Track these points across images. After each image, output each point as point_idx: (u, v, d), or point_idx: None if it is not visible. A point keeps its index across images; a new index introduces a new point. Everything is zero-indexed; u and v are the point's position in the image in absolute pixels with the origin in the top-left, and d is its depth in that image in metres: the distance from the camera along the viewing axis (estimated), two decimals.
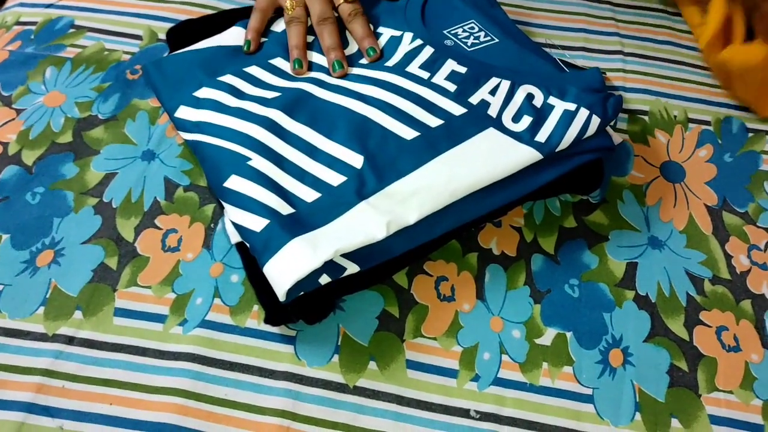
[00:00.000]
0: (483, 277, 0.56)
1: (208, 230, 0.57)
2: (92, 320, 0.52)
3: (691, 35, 0.74)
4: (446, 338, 0.53)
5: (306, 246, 0.46)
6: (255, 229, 0.48)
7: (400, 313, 0.53)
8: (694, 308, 0.55)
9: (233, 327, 0.52)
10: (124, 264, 0.55)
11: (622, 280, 0.56)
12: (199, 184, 0.59)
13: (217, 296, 0.53)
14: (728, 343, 0.54)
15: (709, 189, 0.62)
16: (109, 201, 0.58)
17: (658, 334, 0.54)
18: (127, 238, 0.56)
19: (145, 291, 0.53)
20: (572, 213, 0.60)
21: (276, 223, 0.47)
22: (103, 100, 0.64)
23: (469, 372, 0.51)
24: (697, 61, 0.72)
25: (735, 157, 0.65)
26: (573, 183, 0.57)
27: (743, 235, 0.60)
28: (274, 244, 0.46)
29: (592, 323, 0.54)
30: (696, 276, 0.57)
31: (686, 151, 0.65)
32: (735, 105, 0.68)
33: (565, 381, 0.51)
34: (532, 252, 0.57)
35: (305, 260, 0.45)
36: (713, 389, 0.52)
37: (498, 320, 0.54)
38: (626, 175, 0.63)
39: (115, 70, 0.66)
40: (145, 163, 0.60)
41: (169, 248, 0.56)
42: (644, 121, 0.67)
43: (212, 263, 0.55)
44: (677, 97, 0.69)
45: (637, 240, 0.59)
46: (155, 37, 0.69)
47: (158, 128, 0.62)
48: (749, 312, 0.55)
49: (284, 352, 0.51)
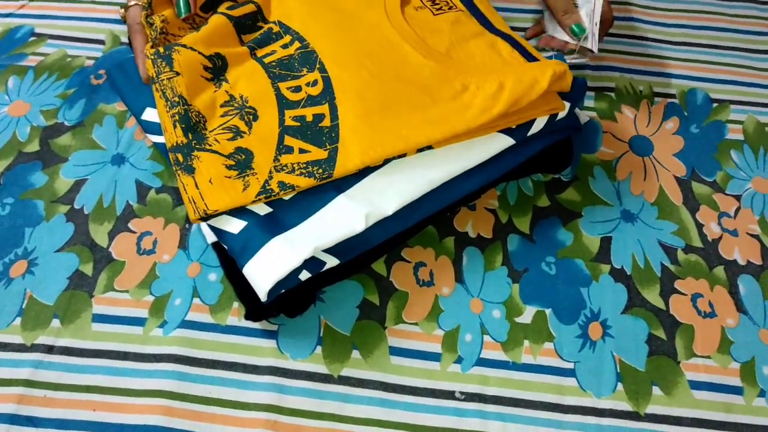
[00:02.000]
0: (461, 261, 0.56)
1: (183, 231, 0.56)
2: (70, 328, 0.51)
3: (651, 10, 0.75)
4: (427, 323, 0.53)
5: (285, 245, 0.46)
6: (233, 231, 0.47)
7: (380, 300, 0.54)
8: (669, 278, 0.56)
9: (214, 325, 0.52)
10: (100, 270, 0.54)
11: (597, 254, 0.57)
12: (172, 186, 0.59)
13: (196, 296, 0.53)
14: (704, 310, 0.55)
15: (677, 160, 0.63)
16: (80, 208, 0.57)
17: (635, 305, 0.55)
18: (101, 243, 0.55)
19: (122, 295, 0.53)
20: (545, 192, 0.60)
21: (254, 224, 0.47)
22: (68, 106, 0.63)
23: (452, 354, 0.52)
24: (658, 36, 0.73)
25: (701, 128, 0.66)
26: (544, 163, 0.58)
27: (713, 203, 0.61)
28: (253, 245, 0.46)
29: (570, 299, 0.55)
30: (669, 246, 0.58)
31: (653, 124, 0.66)
32: (698, 77, 0.69)
33: (547, 357, 0.52)
34: (508, 233, 0.58)
35: (285, 259, 0.45)
36: (691, 355, 0.52)
37: (478, 302, 0.54)
38: (596, 152, 0.63)
39: (79, 76, 0.65)
40: (115, 167, 0.60)
41: (144, 251, 0.55)
42: (611, 97, 0.67)
43: (189, 263, 0.55)
44: (641, 72, 0.70)
45: (610, 214, 0.59)
46: (118, 40, 0.68)
47: (126, 132, 0.62)
48: (723, 278, 0.56)
49: (267, 347, 0.51)
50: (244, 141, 0.50)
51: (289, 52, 0.55)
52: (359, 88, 0.52)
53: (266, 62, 0.54)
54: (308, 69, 0.53)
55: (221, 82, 0.53)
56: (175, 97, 0.51)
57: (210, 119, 0.50)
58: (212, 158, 0.49)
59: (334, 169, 0.48)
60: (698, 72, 0.70)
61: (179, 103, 0.50)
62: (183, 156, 0.49)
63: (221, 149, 0.49)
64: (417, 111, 0.51)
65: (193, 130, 0.49)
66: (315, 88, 0.52)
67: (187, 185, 0.47)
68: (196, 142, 0.49)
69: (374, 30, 0.56)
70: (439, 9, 0.59)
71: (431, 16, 0.58)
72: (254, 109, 0.51)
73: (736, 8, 0.76)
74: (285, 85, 0.52)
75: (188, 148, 0.49)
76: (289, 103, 0.52)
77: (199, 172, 0.48)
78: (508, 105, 0.50)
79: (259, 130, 0.51)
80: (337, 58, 0.54)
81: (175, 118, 0.50)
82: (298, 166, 0.49)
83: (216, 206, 0.47)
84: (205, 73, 0.53)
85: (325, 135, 0.50)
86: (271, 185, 0.48)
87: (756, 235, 0.59)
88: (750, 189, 0.61)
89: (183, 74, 0.51)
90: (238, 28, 0.57)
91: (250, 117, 0.51)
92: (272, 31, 0.57)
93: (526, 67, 0.52)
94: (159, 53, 0.52)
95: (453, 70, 0.53)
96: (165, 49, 0.53)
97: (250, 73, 0.53)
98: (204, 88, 0.52)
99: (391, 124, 0.50)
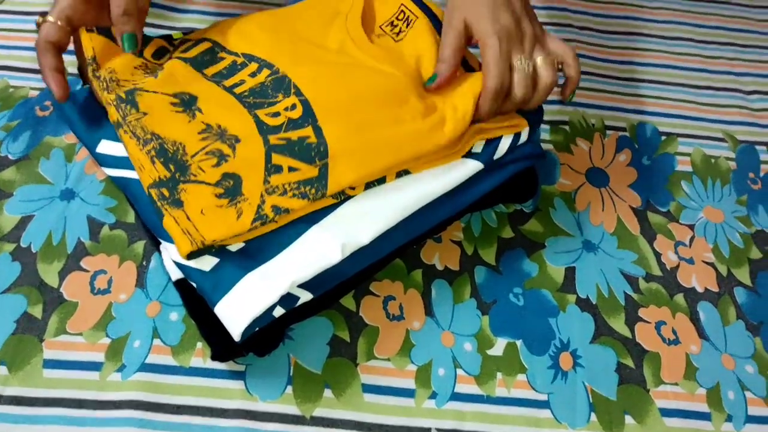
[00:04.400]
0: (430, 293, 0.55)
1: (140, 268, 0.54)
2: (19, 375, 0.48)
3: (599, 48, 0.78)
4: (400, 358, 0.52)
5: (260, 281, 0.44)
6: (203, 268, 0.45)
7: (350, 336, 0.52)
8: (633, 306, 0.57)
9: (177, 368, 0.49)
10: (50, 311, 0.51)
11: (562, 284, 0.57)
12: (126, 221, 0.56)
13: (157, 337, 0.50)
14: (668, 337, 0.56)
15: (632, 191, 0.65)
16: (27, 246, 0.54)
17: (602, 334, 0.55)
18: (51, 283, 0.52)
19: (76, 338, 0.50)
20: (508, 223, 0.61)
21: (226, 261, 0.45)
22: (12, 139, 0.60)
23: (426, 390, 0.51)
24: (607, 72, 0.75)
25: (652, 160, 0.68)
26: (511, 192, 0.58)
27: (668, 233, 0.62)
28: (226, 282, 0.44)
29: (540, 329, 0.55)
30: (630, 275, 0.59)
31: (607, 156, 0.68)
32: (646, 111, 0.72)
33: (521, 389, 0.52)
34: (475, 264, 0.58)
35: (261, 296, 0.43)
36: (660, 383, 0.53)
37: (449, 335, 0.53)
38: (555, 183, 0.64)
39: (23, 107, 0.62)
40: (65, 202, 0.56)
41: (98, 291, 0.52)
42: (565, 130, 0.69)
43: (148, 302, 0.52)
44: (593, 107, 0.72)
45: (572, 245, 0.60)
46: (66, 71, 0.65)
47: (76, 165, 0.59)
48: (683, 305, 0.58)
49: (234, 389, 0.49)
50: (230, 165, 0.47)
51: (260, 79, 0.53)
52: (340, 108, 0.51)
53: (237, 92, 0.52)
54: (284, 94, 0.52)
55: (194, 113, 0.50)
56: (147, 135, 0.48)
57: (188, 145, 0.48)
58: (199, 189, 0.46)
59: (326, 188, 0.47)
60: (646, 106, 0.73)
61: (152, 139, 0.48)
62: (168, 190, 0.46)
63: (207, 178, 0.46)
64: (396, 126, 0.50)
65: (173, 160, 0.47)
66: (294, 111, 0.51)
67: (179, 218, 0.45)
68: (180, 173, 0.46)
69: (341, 54, 0.55)
70: (399, 32, 0.58)
71: (393, 43, 0.58)
72: (234, 135, 0.49)
73: (678, 46, 0.79)
74: (263, 112, 0.51)
75: (173, 182, 0.46)
76: (270, 128, 0.50)
77: (188, 205, 0.45)
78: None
79: (244, 151, 0.48)
80: (311, 80, 0.53)
81: (151, 153, 0.47)
82: (290, 186, 0.47)
83: (213, 236, 0.44)
84: (174, 108, 0.51)
85: (314, 150, 0.48)
86: (265, 210, 0.46)
87: (711, 262, 0.61)
88: (702, 218, 0.64)
89: (150, 113, 0.49)
90: (196, 66, 0.55)
91: (232, 140, 0.49)
92: (236, 63, 0.55)
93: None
94: (121, 98, 0.50)
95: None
96: (126, 94, 0.50)
97: (223, 104, 0.51)
98: (176, 120, 0.50)
99: (379, 137, 0.49)
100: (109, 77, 0.52)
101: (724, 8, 0.85)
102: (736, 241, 0.62)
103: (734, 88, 0.76)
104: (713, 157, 0.69)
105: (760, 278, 0.60)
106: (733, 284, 0.59)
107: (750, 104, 0.74)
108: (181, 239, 0.44)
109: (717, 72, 0.77)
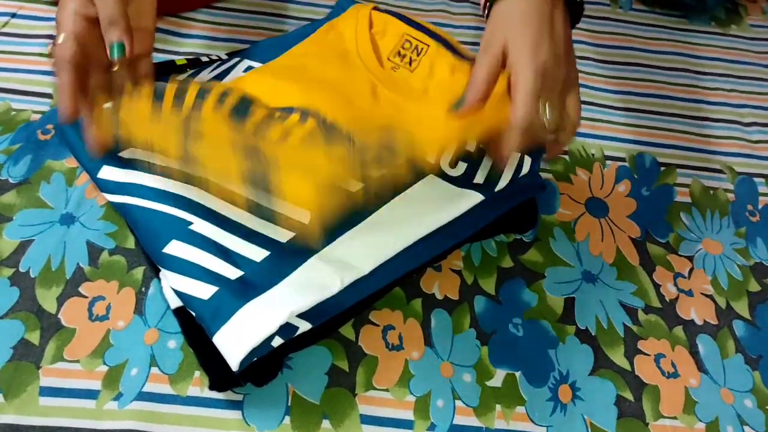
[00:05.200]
0: (429, 323, 0.55)
1: (139, 295, 0.53)
2: (15, 402, 0.47)
3: (598, 77, 0.78)
4: (398, 388, 0.51)
5: (259, 311, 0.44)
6: (202, 297, 0.45)
7: (349, 366, 0.52)
8: (632, 338, 0.57)
9: (174, 396, 0.49)
10: (48, 338, 0.50)
11: (562, 315, 0.57)
12: (126, 246, 0.56)
13: (154, 365, 0.50)
14: (667, 370, 0.56)
15: (631, 222, 0.65)
16: (26, 270, 0.53)
17: (602, 366, 0.55)
18: (49, 309, 0.52)
19: (73, 366, 0.49)
20: (508, 253, 0.61)
21: (225, 290, 0.45)
22: (13, 162, 0.60)
23: (424, 421, 0.50)
24: (607, 102, 0.76)
25: (651, 191, 0.68)
26: (511, 223, 0.58)
27: (668, 264, 0.62)
28: (225, 311, 0.44)
29: (539, 361, 0.55)
30: (630, 306, 0.59)
31: (606, 187, 0.68)
32: (645, 141, 0.72)
33: (520, 421, 0.51)
34: (474, 294, 0.57)
35: (260, 326, 0.43)
36: (659, 416, 0.53)
37: (448, 365, 0.53)
38: (554, 213, 0.64)
39: (24, 131, 0.62)
40: (65, 227, 0.56)
41: (96, 317, 0.52)
42: (565, 160, 0.69)
43: (146, 330, 0.52)
44: (593, 136, 0.72)
45: (572, 275, 0.60)
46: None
47: (76, 190, 0.59)
48: (682, 338, 0.58)
49: (232, 419, 0.48)
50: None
51: (310, 126, 0.50)
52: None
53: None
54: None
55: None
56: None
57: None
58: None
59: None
60: (645, 137, 0.73)
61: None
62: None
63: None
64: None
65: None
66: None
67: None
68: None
69: (377, 97, 0.56)
70: (410, 62, 0.59)
71: (409, 74, 0.58)
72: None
73: (676, 77, 0.80)
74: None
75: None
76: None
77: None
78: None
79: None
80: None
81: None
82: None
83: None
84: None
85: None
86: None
87: (710, 295, 0.61)
88: (701, 250, 0.64)
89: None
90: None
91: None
92: (274, 114, 0.51)
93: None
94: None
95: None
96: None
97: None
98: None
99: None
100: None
101: (721, 40, 0.85)
102: (735, 273, 0.63)
103: (732, 120, 0.76)
104: (712, 189, 0.69)
105: (758, 311, 0.60)
106: (732, 317, 0.59)
107: (748, 136, 0.75)
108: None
109: (715, 103, 0.78)
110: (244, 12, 0.77)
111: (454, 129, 0.48)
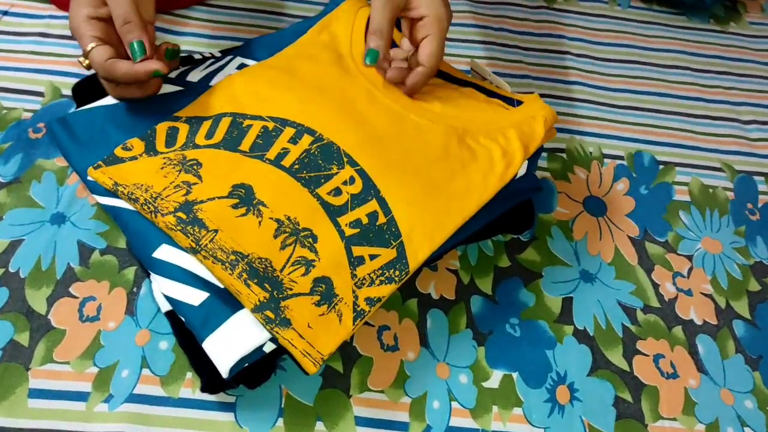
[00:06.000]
0: (425, 323, 0.54)
1: (130, 295, 0.53)
2: (3, 405, 0.46)
3: (597, 75, 0.78)
4: (394, 390, 0.51)
5: (251, 320, 0.44)
6: (192, 303, 0.44)
7: (344, 367, 0.51)
8: (631, 338, 0.56)
9: (165, 398, 0.48)
10: (37, 339, 0.50)
11: (560, 315, 0.57)
12: (117, 246, 0.55)
13: (146, 366, 0.49)
14: (666, 371, 0.55)
15: (630, 221, 0.64)
16: (16, 271, 0.53)
17: (600, 366, 0.54)
18: (38, 310, 0.51)
19: (63, 367, 0.49)
20: (505, 252, 0.60)
21: (216, 297, 0.44)
22: (3, 161, 0.59)
23: (420, 423, 0.49)
24: (605, 99, 0.75)
25: (650, 189, 0.67)
26: (508, 224, 0.58)
27: (666, 263, 0.62)
28: (215, 319, 0.44)
29: (536, 361, 0.54)
30: (628, 306, 0.58)
31: (605, 185, 0.67)
32: (644, 140, 0.72)
33: (517, 423, 0.51)
34: (471, 294, 0.57)
35: (250, 336, 0.43)
36: (658, 418, 0.52)
37: (444, 366, 0.52)
38: (552, 212, 0.64)
39: (15, 130, 0.61)
40: (55, 227, 0.56)
41: (87, 318, 0.51)
42: (563, 158, 0.68)
43: (137, 331, 0.51)
44: (591, 135, 0.71)
45: (570, 275, 0.59)
46: (59, 92, 0.65)
47: (67, 189, 0.58)
48: (681, 338, 0.57)
49: (224, 421, 0.48)
50: (318, 270, 0.46)
51: (303, 146, 0.51)
52: (397, 174, 0.51)
53: (287, 166, 0.50)
54: (337, 165, 0.50)
55: (258, 209, 0.48)
56: (230, 256, 0.45)
57: (273, 259, 0.46)
58: (300, 302, 0.44)
59: (408, 267, 0.47)
60: (643, 135, 0.72)
61: (238, 261, 0.45)
62: (272, 311, 0.44)
63: (302, 289, 0.45)
64: (453, 180, 0.51)
65: (266, 279, 0.45)
66: (354, 186, 0.50)
67: (293, 340, 0.43)
68: (277, 291, 0.44)
69: (373, 105, 0.55)
70: None
71: None
72: (309, 230, 0.47)
73: (675, 75, 0.79)
74: (323, 191, 0.49)
75: (274, 301, 0.44)
76: (336, 209, 0.49)
77: (296, 322, 0.44)
78: (523, 157, 0.53)
79: (326, 251, 0.47)
80: (359, 146, 0.51)
81: (243, 277, 0.44)
82: (375, 275, 0.46)
83: (328, 349, 0.43)
84: (238, 211, 0.48)
85: (386, 233, 0.48)
86: (360, 305, 0.45)
87: (709, 294, 0.60)
88: (700, 249, 0.63)
89: (221, 228, 0.46)
90: (230, 147, 0.52)
91: (310, 240, 0.47)
92: (268, 128, 0.53)
93: (519, 115, 0.55)
94: (183, 220, 0.47)
95: (459, 126, 0.54)
96: (186, 214, 0.47)
97: (279, 187, 0.49)
98: (247, 227, 0.47)
99: (440, 201, 0.50)
100: (149, 196, 0.48)
101: (721, 37, 0.85)
102: (735, 272, 0.62)
103: (731, 118, 0.76)
104: (711, 187, 0.68)
105: (759, 311, 0.59)
106: (732, 317, 0.59)
107: (747, 134, 0.74)
108: (303, 362, 0.43)
109: (714, 101, 0.77)
110: (239, 9, 0.76)
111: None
